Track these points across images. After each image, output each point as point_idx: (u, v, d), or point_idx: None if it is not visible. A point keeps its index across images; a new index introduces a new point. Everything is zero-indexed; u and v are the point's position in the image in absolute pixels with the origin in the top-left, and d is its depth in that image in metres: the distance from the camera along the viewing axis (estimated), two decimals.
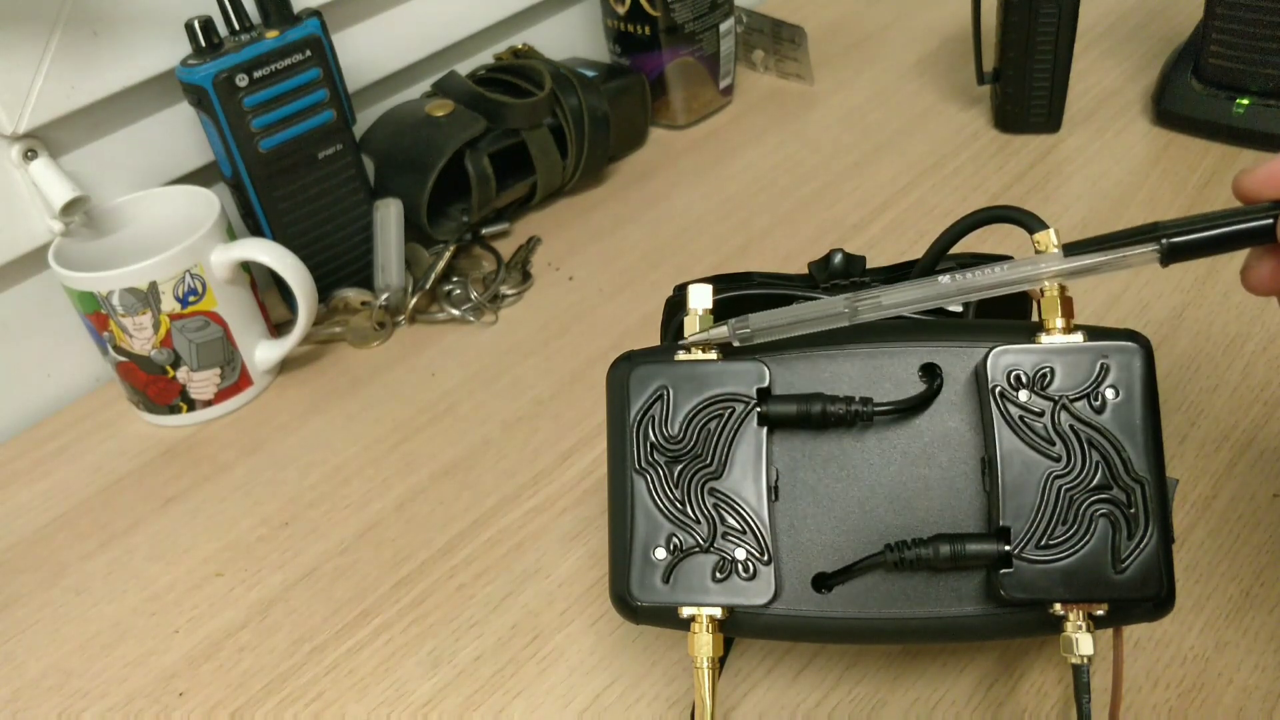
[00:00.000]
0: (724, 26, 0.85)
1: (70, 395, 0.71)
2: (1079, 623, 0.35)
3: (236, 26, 0.64)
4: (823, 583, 0.37)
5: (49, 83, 0.62)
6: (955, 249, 0.43)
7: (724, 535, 0.37)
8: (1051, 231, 0.37)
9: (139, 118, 0.68)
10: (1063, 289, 0.36)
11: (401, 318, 0.70)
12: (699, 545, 0.37)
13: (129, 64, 0.65)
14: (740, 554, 0.37)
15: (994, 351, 0.36)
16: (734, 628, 0.38)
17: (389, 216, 0.71)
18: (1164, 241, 0.35)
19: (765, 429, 0.38)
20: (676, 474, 0.38)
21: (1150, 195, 0.70)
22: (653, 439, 0.38)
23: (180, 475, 0.61)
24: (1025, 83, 0.75)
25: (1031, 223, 0.37)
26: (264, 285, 0.69)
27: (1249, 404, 0.54)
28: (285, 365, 0.68)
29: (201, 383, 0.63)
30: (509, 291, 0.71)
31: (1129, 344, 0.36)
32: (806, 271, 0.47)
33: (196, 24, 0.62)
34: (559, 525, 0.54)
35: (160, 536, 0.58)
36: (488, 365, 0.66)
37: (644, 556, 0.38)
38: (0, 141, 0.62)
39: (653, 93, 0.85)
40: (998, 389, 0.36)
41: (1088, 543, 0.35)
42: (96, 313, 0.61)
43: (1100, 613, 0.35)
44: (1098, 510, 0.35)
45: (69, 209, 0.63)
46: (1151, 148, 0.75)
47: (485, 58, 0.85)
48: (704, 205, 0.77)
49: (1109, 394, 0.36)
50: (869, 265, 0.46)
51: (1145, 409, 0.36)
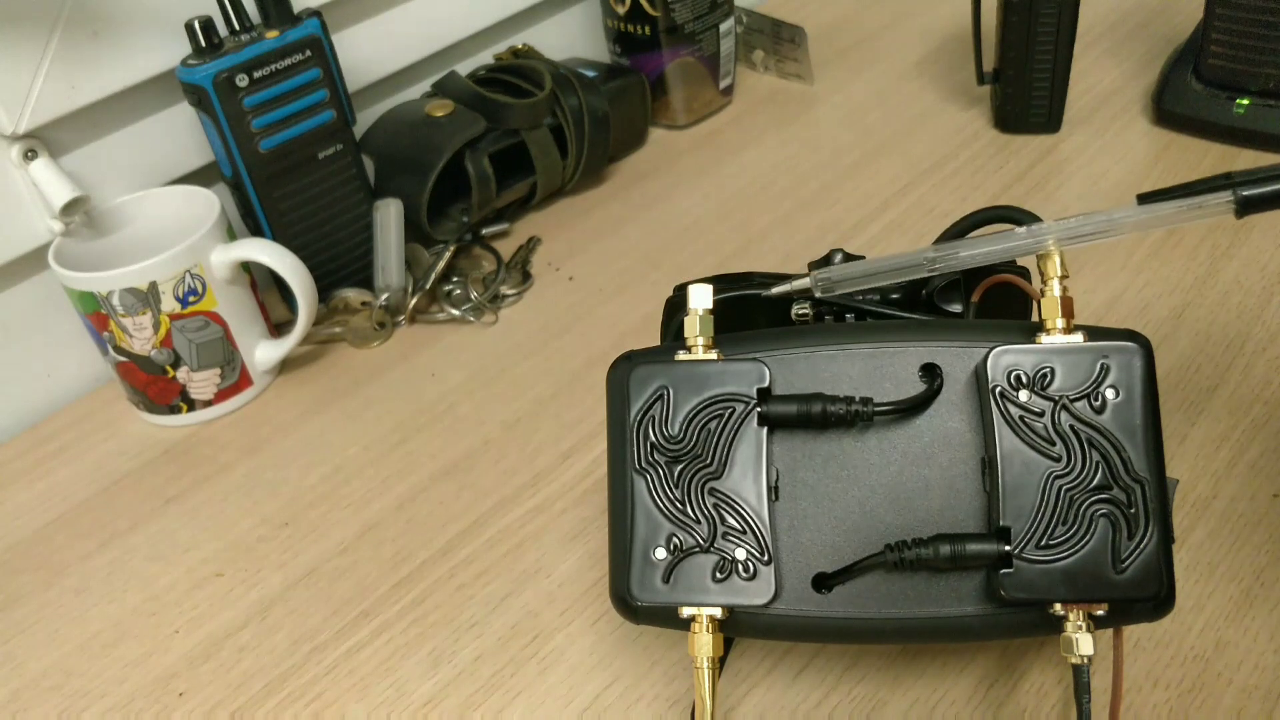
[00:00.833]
0: (724, 26, 0.85)
1: (70, 395, 0.71)
2: (1079, 623, 0.35)
3: (236, 26, 0.64)
4: (823, 583, 0.37)
5: (49, 83, 0.62)
6: None
7: (724, 535, 0.37)
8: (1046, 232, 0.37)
9: (139, 118, 0.68)
10: (1064, 288, 0.36)
11: (401, 318, 0.70)
12: (699, 545, 0.37)
13: (129, 64, 0.65)
14: (740, 554, 0.37)
15: (994, 351, 0.36)
16: (734, 628, 0.38)
17: (389, 216, 0.71)
18: (1238, 193, 0.34)
19: (765, 429, 0.38)
20: (677, 474, 0.38)
21: None
22: (653, 439, 0.38)
23: (180, 475, 0.61)
24: (1025, 83, 0.76)
25: (1032, 223, 0.37)
26: (264, 285, 0.69)
27: (1249, 404, 0.54)
28: (285, 365, 0.68)
29: (201, 383, 0.63)
30: (509, 291, 0.71)
31: (1129, 344, 0.36)
32: (807, 271, 0.47)
33: (196, 24, 0.62)
34: (559, 525, 0.54)
35: (160, 536, 0.58)
36: (488, 365, 0.66)
37: (644, 556, 0.38)
38: (0, 141, 0.62)
39: (653, 93, 0.85)
40: (998, 389, 0.36)
41: (1088, 543, 0.35)
42: (96, 313, 0.61)
43: (1100, 613, 0.35)
44: (1098, 510, 0.35)
45: (69, 209, 0.63)
46: (1151, 148, 0.75)
47: (485, 58, 0.85)
48: (704, 205, 0.77)
49: (1109, 394, 0.36)
50: None
51: (1145, 409, 0.36)
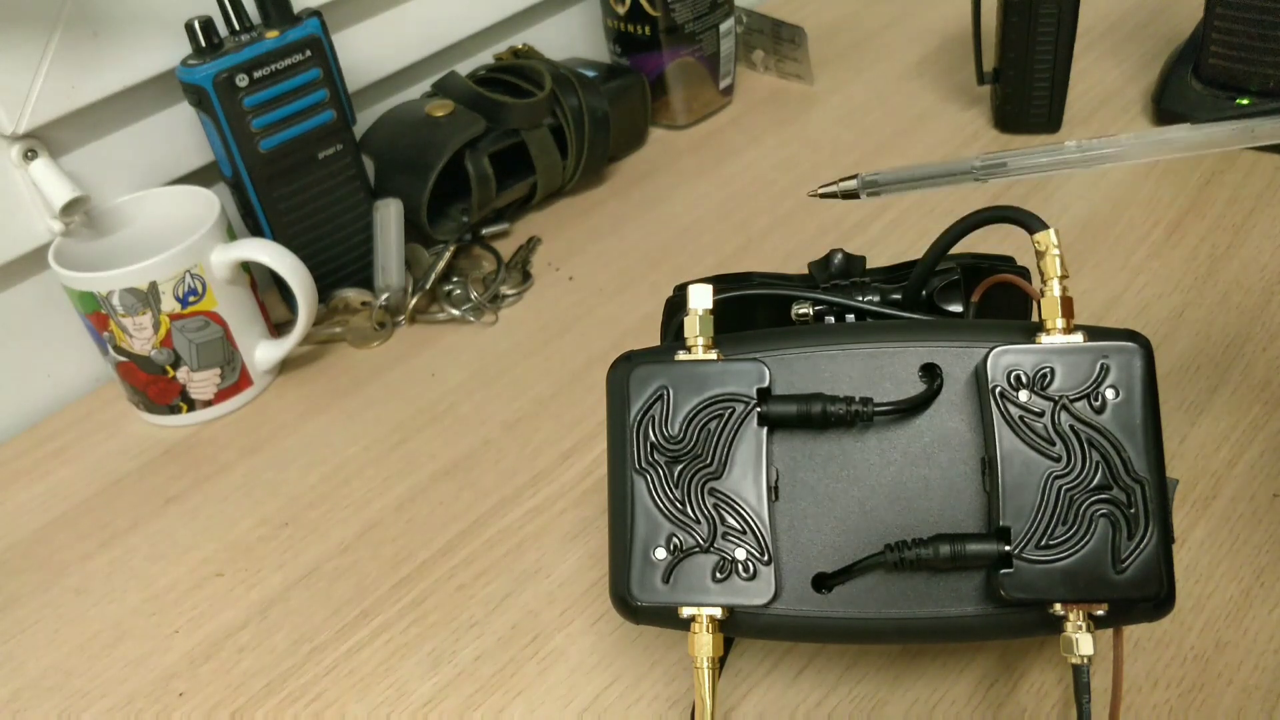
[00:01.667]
0: (724, 26, 0.85)
1: (70, 395, 0.71)
2: (1079, 623, 0.35)
3: (236, 26, 0.64)
4: (823, 583, 0.37)
5: (49, 83, 0.62)
6: (955, 249, 0.43)
7: (724, 535, 0.37)
8: (1051, 232, 0.37)
9: (139, 118, 0.68)
10: (1064, 288, 0.36)
11: (401, 318, 0.70)
12: (699, 545, 0.37)
13: (129, 64, 0.65)
14: (740, 554, 0.37)
15: (994, 351, 0.36)
16: (734, 628, 0.38)
17: (389, 216, 0.71)
18: None
19: (765, 429, 0.38)
20: (676, 474, 0.38)
21: (1150, 195, 0.70)
22: (653, 439, 0.38)
23: (180, 475, 0.61)
24: (1025, 83, 0.76)
25: (1031, 222, 0.37)
26: (264, 285, 0.69)
27: (1249, 404, 0.54)
28: (285, 365, 0.68)
29: (201, 383, 0.63)
30: (509, 291, 0.71)
31: (1129, 344, 0.36)
32: (806, 271, 0.47)
33: (196, 24, 0.62)
34: (559, 525, 0.54)
35: (160, 536, 0.58)
36: (488, 365, 0.66)
37: (644, 556, 0.38)
38: (0, 141, 0.62)
39: (653, 93, 0.85)
40: (998, 389, 0.36)
41: (1088, 543, 0.35)
42: (96, 313, 0.61)
43: (1100, 613, 0.35)
44: (1098, 510, 0.35)
45: (69, 209, 0.63)
46: None
47: (485, 58, 0.85)
48: (704, 205, 0.77)
49: (1109, 394, 0.36)
50: (869, 265, 0.46)
51: (1145, 409, 0.36)
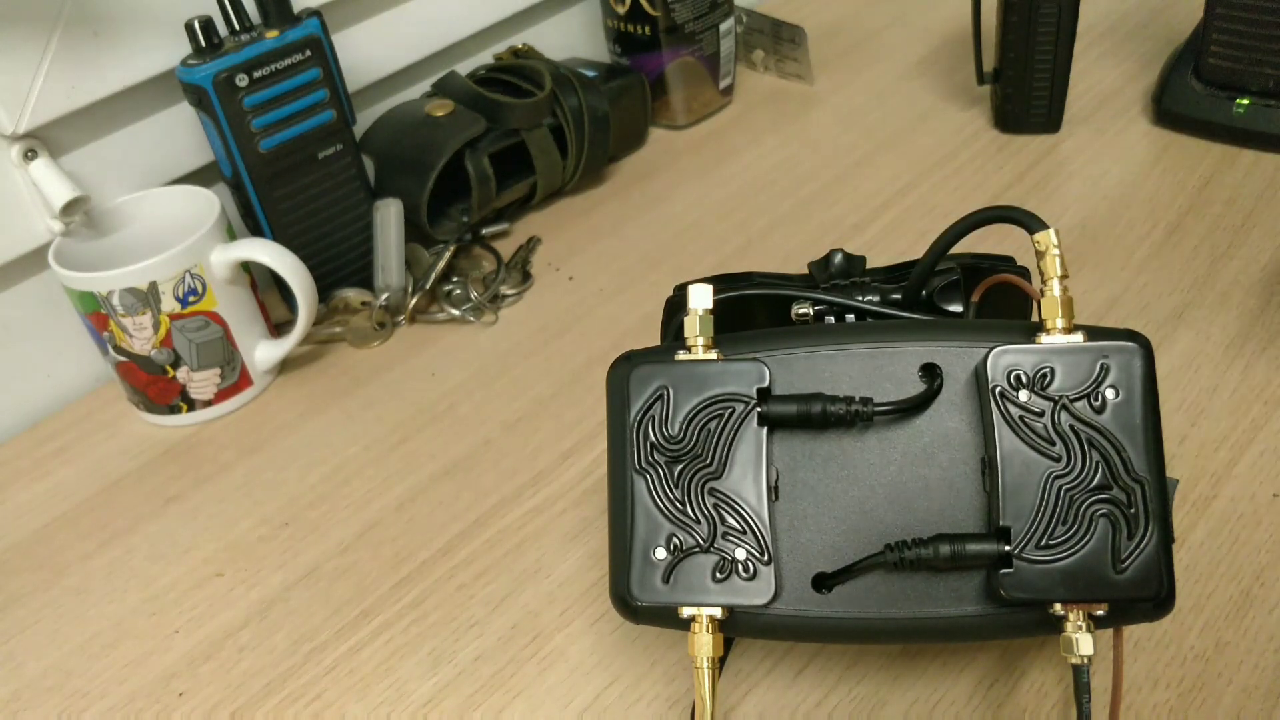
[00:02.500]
0: (724, 26, 0.85)
1: (70, 395, 0.71)
2: (1079, 623, 0.35)
3: (236, 26, 0.64)
4: (823, 583, 0.37)
5: (49, 83, 0.62)
6: (955, 249, 0.43)
7: (724, 535, 0.37)
8: (1051, 232, 0.37)
9: (139, 118, 0.68)
10: (1064, 288, 0.36)
11: (401, 318, 0.70)
12: (699, 545, 0.37)
13: (129, 64, 0.65)
14: (740, 554, 0.37)
15: (994, 351, 0.36)
16: (734, 628, 0.38)
17: (389, 216, 0.71)
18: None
19: (765, 429, 0.38)
20: (677, 474, 0.38)
21: (1150, 195, 0.70)
22: (653, 439, 0.38)
23: (180, 475, 0.61)
24: (1025, 83, 0.76)
25: (1031, 223, 0.37)
26: (264, 285, 0.69)
27: (1249, 404, 0.54)
28: (285, 365, 0.68)
29: (201, 383, 0.63)
30: (509, 291, 0.71)
31: (1129, 344, 0.36)
32: (806, 271, 0.47)
33: (196, 24, 0.62)
34: (559, 525, 0.54)
35: (160, 536, 0.58)
36: (488, 365, 0.66)
37: (644, 556, 0.38)
38: (0, 141, 0.62)
39: (653, 93, 0.85)
40: (998, 389, 0.36)
41: (1088, 543, 0.35)
42: (96, 313, 0.61)
43: (1100, 613, 0.35)
44: (1098, 510, 0.35)
45: (69, 209, 0.63)
46: (1151, 148, 0.75)
47: (485, 58, 0.86)
48: (704, 205, 0.77)
49: (1109, 394, 0.36)
50: (869, 265, 0.46)
51: (1145, 409, 0.36)
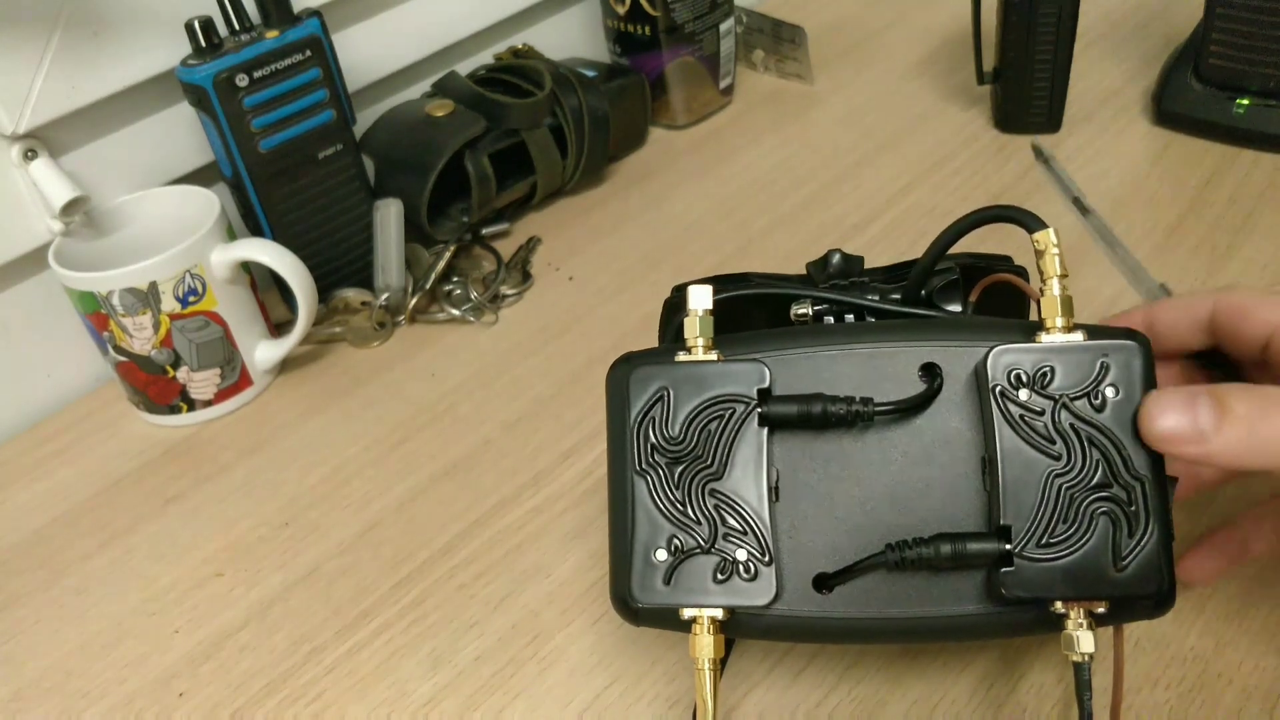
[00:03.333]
0: (724, 26, 0.85)
1: (70, 395, 0.71)
2: (1079, 620, 0.35)
3: (236, 26, 0.64)
4: (824, 583, 0.37)
5: (49, 83, 0.62)
6: (955, 249, 0.43)
7: (725, 536, 0.37)
8: (1051, 231, 0.37)
9: (139, 118, 0.68)
10: (1064, 288, 0.36)
11: (401, 318, 0.70)
12: (700, 546, 0.37)
13: (129, 64, 0.65)
14: (741, 555, 0.37)
15: (994, 351, 0.36)
16: (735, 629, 0.38)
17: (389, 216, 0.70)
18: None
19: (766, 429, 0.38)
20: (677, 475, 0.38)
21: (1150, 195, 0.70)
22: (653, 440, 0.38)
23: (180, 475, 0.61)
24: (1025, 83, 0.75)
25: (1031, 222, 0.37)
26: (264, 285, 0.69)
27: None
28: (285, 365, 0.68)
29: (201, 383, 0.63)
30: (509, 291, 0.71)
31: (1129, 342, 0.36)
32: (805, 272, 0.46)
33: (196, 24, 0.62)
34: (559, 525, 0.54)
35: (160, 536, 0.58)
36: (488, 365, 0.66)
37: (645, 558, 0.38)
38: (0, 141, 0.62)
39: (653, 93, 0.85)
40: (998, 388, 0.36)
41: (1088, 541, 0.35)
42: (96, 313, 0.61)
43: (1101, 610, 0.35)
44: (1098, 508, 0.35)
45: (69, 209, 0.63)
46: (1151, 148, 0.75)
47: (485, 58, 0.85)
48: (704, 205, 0.77)
49: (1109, 392, 0.36)
50: (868, 265, 0.46)
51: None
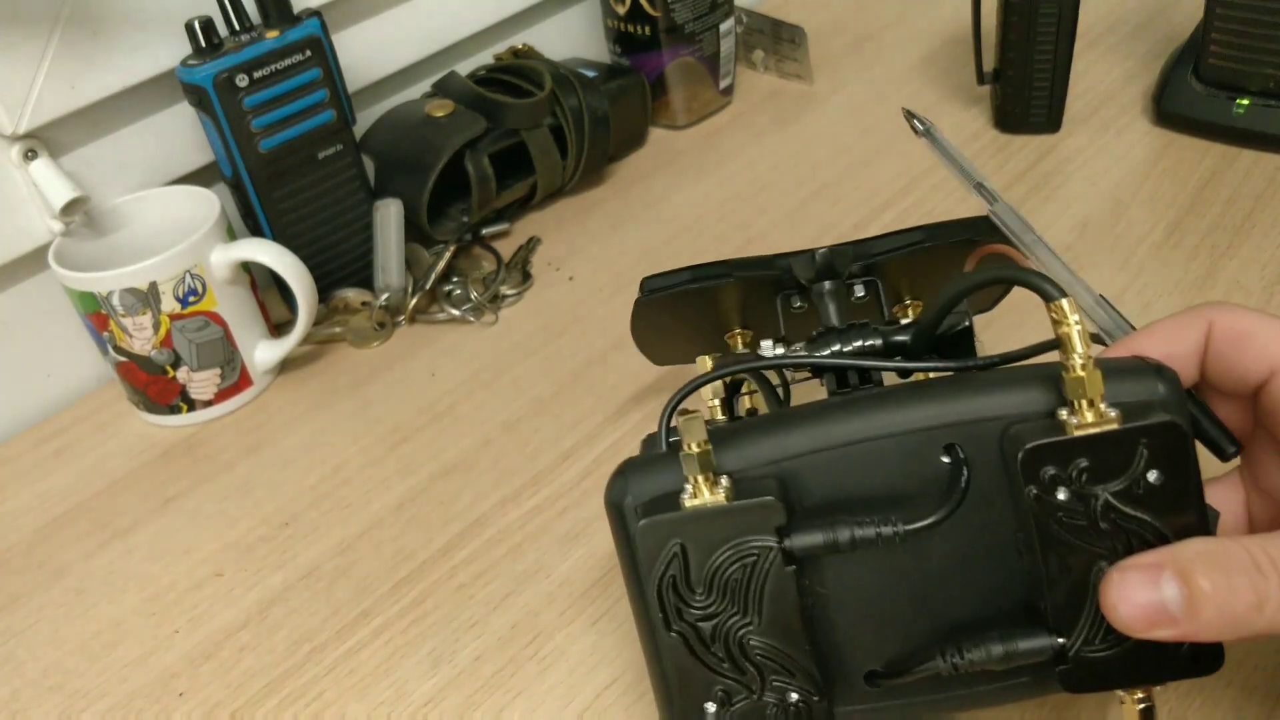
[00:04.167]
0: (724, 26, 0.85)
1: (70, 395, 0.71)
2: (1138, 696, 0.35)
3: (236, 27, 0.64)
4: (875, 679, 0.36)
5: (49, 83, 0.62)
6: (925, 221, 0.43)
7: (773, 682, 0.35)
8: (1068, 301, 0.33)
9: (139, 118, 0.68)
10: (1087, 361, 0.32)
11: (401, 318, 0.70)
12: (748, 693, 0.36)
13: (129, 64, 0.65)
14: (793, 696, 0.35)
15: (1025, 451, 0.33)
16: None
17: (389, 216, 0.71)
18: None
19: (794, 566, 0.35)
20: (711, 631, 0.35)
21: (1150, 195, 0.70)
22: (678, 603, 0.35)
23: (180, 475, 0.61)
24: (1025, 83, 0.75)
25: (1047, 289, 0.33)
26: (264, 285, 0.69)
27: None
28: (285, 365, 0.68)
29: (201, 383, 0.63)
30: (509, 291, 0.71)
31: (1166, 420, 0.32)
32: (784, 255, 0.47)
33: (196, 24, 0.62)
34: (559, 525, 0.54)
35: (160, 536, 0.58)
36: (488, 365, 0.66)
37: (694, 712, 0.36)
38: (0, 141, 0.62)
39: (653, 93, 0.85)
40: (1033, 492, 0.33)
41: None
42: (96, 313, 0.61)
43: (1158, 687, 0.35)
44: None
45: (69, 209, 0.63)
46: (1151, 148, 0.75)
47: (485, 58, 0.85)
48: (704, 205, 0.77)
49: (1151, 477, 0.33)
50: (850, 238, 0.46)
51: (1188, 487, 0.33)
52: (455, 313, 0.70)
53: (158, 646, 0.52)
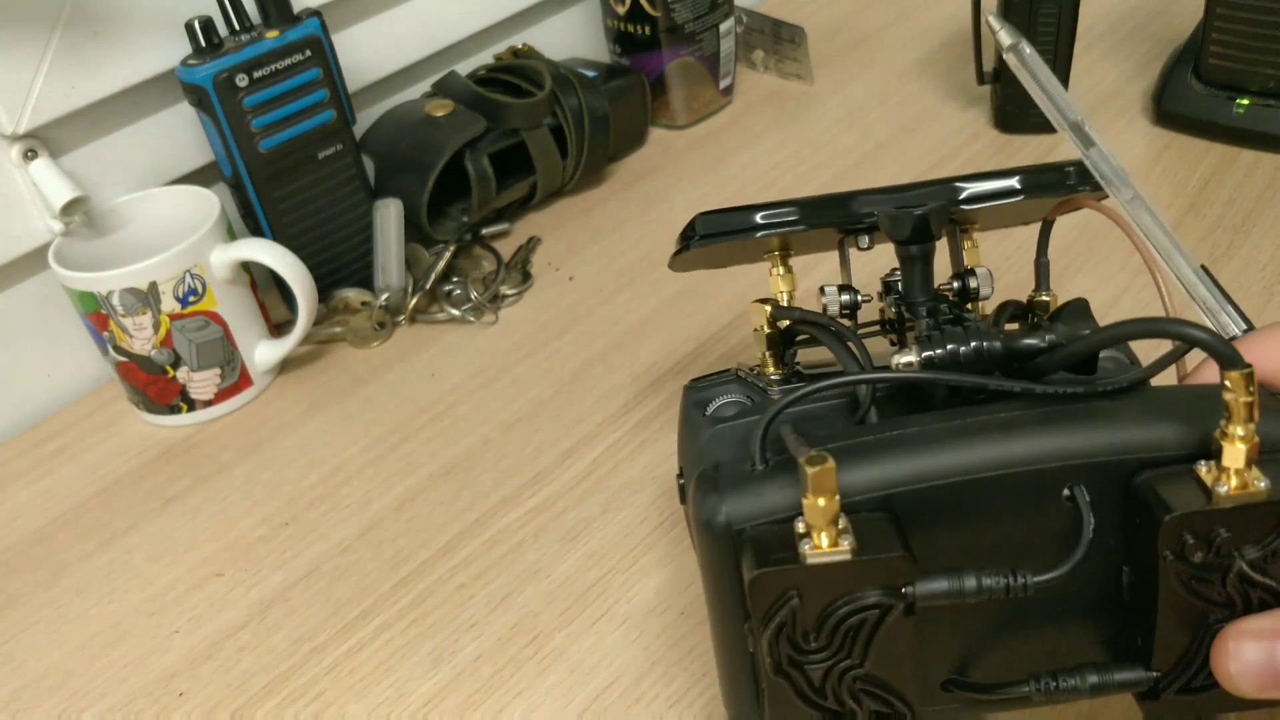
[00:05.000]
0: (724, 26, 0.85)
1: (70, 395, 0.71)
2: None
3: (236, 26, 0.64)
4: (953, 687, 0.35)
5: (49, 83, 0.62)
6: (1015, 160, 0.41)
7: (868, 707, 0.34)
8: (1248, 373, 0.29)
9: (139, 118, 0.68)
10: (1250, 434, 0.30)
11: (401, 318, 0.70)
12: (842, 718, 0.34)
13: (129, 64, 0.65)
14: (882, 711, 0.34)
15: (1170, 519, 0.31)
16: None
17: (389, 216, 0.71)
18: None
19: (913, 615, 0.33)
20: (821, 674, 0.34)
21: (1150, 195, 0.70)
22: (790, 651, 0.33)
23: (180, 475, 0.61)
24: None
25: (1226, 354, 0.30)
26: (264, 285, 0.69)
27: None
28: (285, 365, 0.68)
29: (201, 383, 0.63)
30: (509, 291, 0.71)
31: None
32: (860, 191, 0.43)
33: (196, 24, 0.62)
34: (559, 525, 0.54)
35: (160, 536, 0.58)
36: (488, 365, 0.66)
37: None
38: (0, 141, 0.62)
39: (653, 93, 0.85)
40: (1169, 557, 0.31)
41: None
42: (96, 313, 0.61)
43: None
44: None
45: (69, 209, 0.63)
46: (1151, 148, 0.75)
47: (485, 58, 0.85)
48: (704, 205, 0.77)
49: None
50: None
51: None
52: (455, 313, 0.70)
53: (158, 646, 0.52)
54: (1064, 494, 0.33)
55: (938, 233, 0.41)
